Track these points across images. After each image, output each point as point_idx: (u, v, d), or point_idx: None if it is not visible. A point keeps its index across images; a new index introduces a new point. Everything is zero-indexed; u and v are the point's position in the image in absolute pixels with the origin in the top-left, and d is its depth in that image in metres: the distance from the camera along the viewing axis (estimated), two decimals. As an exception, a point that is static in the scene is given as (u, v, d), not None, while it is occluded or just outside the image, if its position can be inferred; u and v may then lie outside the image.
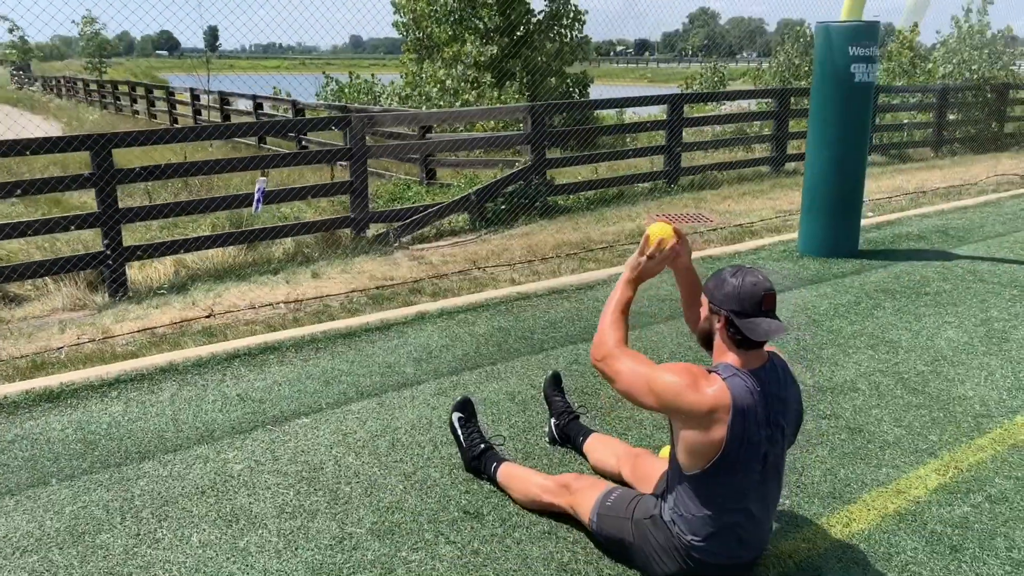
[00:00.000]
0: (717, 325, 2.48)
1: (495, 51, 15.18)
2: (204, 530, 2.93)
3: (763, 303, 2.38)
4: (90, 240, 7.91)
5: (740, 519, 2.48)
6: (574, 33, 16.43)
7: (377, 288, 6.02)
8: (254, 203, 6.71)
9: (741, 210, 8.90)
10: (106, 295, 6.83)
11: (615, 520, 2.73)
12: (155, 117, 20.78)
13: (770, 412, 2.43)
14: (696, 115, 13.67)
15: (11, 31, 26.54)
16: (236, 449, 3.52)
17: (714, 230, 7.76)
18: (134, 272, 7.31)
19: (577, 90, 16.66)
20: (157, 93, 21.18)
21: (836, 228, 6.52)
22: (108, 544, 2.85)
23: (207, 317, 5.40)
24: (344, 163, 12.58)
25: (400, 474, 3.30)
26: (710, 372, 2.45)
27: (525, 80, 15.26)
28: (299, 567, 2.70)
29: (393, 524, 2.95)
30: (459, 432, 3.35)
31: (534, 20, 16.11)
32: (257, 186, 6.73)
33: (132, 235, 8.61)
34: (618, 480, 3.11)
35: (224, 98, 16.35)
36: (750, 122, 13.30)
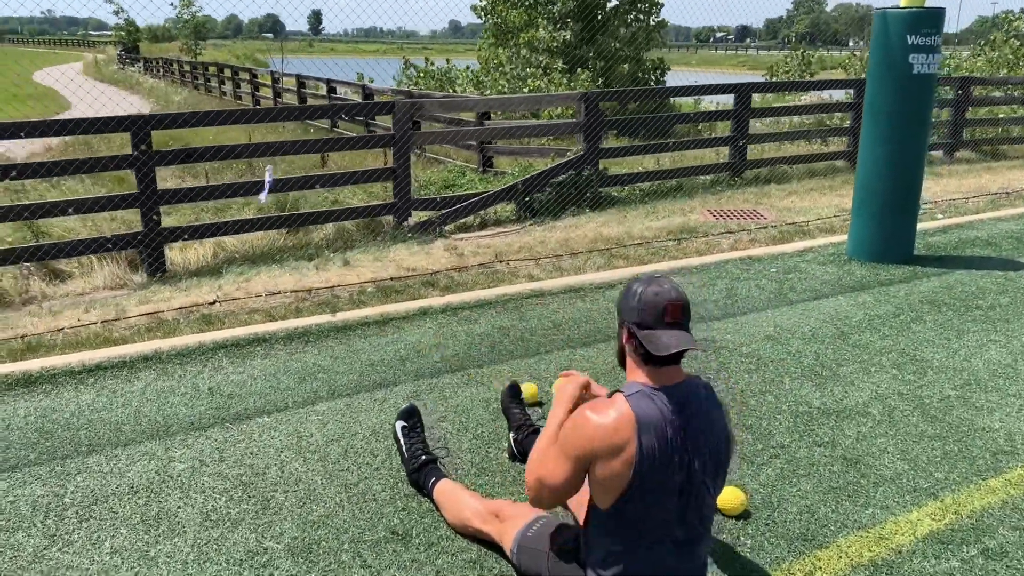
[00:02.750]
0: (624, 340, 2.23)
1: (568, 36, 14.84)
2: (121, 534, 2.82)
3: (665, 314, 2.13)
4: (134, 220, 8.04)
5: (658, 556, 2.20)
6: (651, 19, 15.92)
7: (392, 279, 5.86)
8: (263, 192, 6.65)
9: (803, 207, 8.40)
10: (144, 275, 6.91)
11: (533, 553, 2.49)
12: (240, 99, 21.23)
13: (685, 436, 2.15)
14: (767, 106, 13.04)
15: (116, 13, 27.63)
16: (186, 447, 3.41)
17: (763, 228, 7.32)
18: (175, 253, 7.38)
19: (654, 77, 16.16)
20: (242, 75, 21.64)
21: (888, 231, 6.02)
22: (20, 544, 2.77)
23: (212, 304, 5.36)
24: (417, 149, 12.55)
25: (341, 485, 3.13)
26: (612, 395, 2.20)
27: (598, 66, 14.88)
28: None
29: (313, 541, 2.77)
30: (402, 442, 3.16)
31: (610, 6, 15.68)
32: (266, 175, 6.67)
33: (179, 216, 8.74)
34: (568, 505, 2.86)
35: (301, 81, 16.52)
36: (830, 114, 12.60)
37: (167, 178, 11.45)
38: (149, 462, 3.30)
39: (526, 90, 14.18)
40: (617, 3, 15.89)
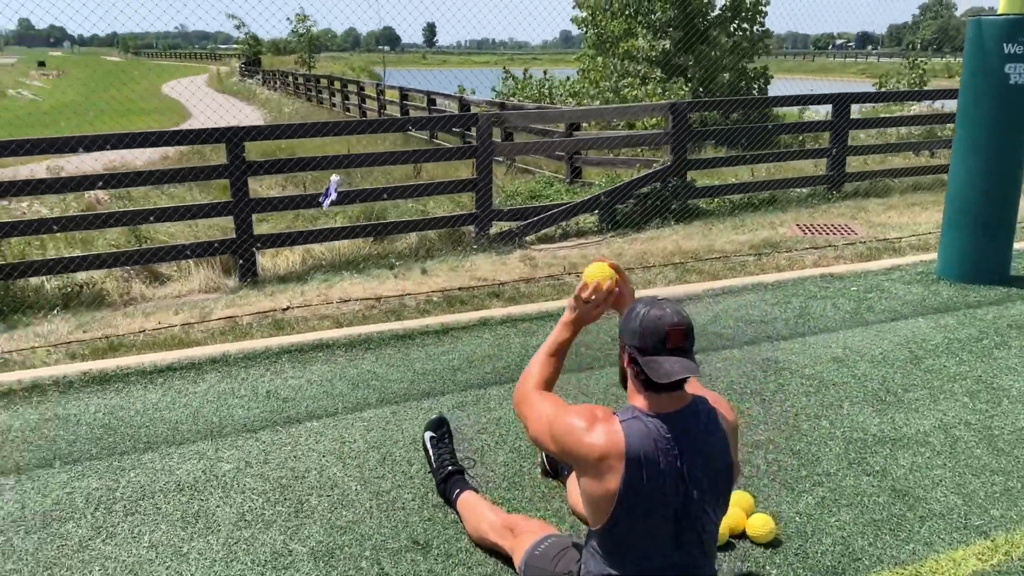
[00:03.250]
0: (625, 363, 2.20)
1: (667, 45, 14.67)
2: (161, 530, 2.96)
3: (667, 340, 2.07)
4: (230, 227, 8.41)
5: None
6: (755, 28, 15.56)
7: (460, 289, 5.94)
8: (324, 199, 6.84)
9: (899, 223, 8.04)
10: (236, 279, 7.22)
11: (539, 572, 2.48)
12: (348, 110, 21.91)
13: (682, 463, 2.10)
14: (874, 116, 12.53)
15: (238, 28, 29.02)
16: (235, 448, 3.56)
17: (851, 244, 7.04)
18: (267, 259, 7.69)
19: (757, 86, 15.79)
20: (350, 87, 22.33)
21: (980, 249, 5.69)
22: (68, 534, 2.94)
23: (285, 310, 5.55)
24: (499, 159, 12.67)
25: (373, 492, 3.19)
26: (614, 414, 2.17)
27: (698, 75, 14.66)
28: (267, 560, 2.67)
29: (336, 546, 2.84)
30: (430, 452, 3.20)
31: (712, 14, 15.41)
32: (331, 184, 6.86)
33: (276, 223, 9.08)
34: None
35: (404, 93, 16.91)
36: (942, 124, 12.01)
37: (272, 187, 11.95)
38: (199, 461, 3.45)
39: (617, 100, 14.10)
40: (719, 12, 15.60)
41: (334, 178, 6.82)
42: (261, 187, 11.87)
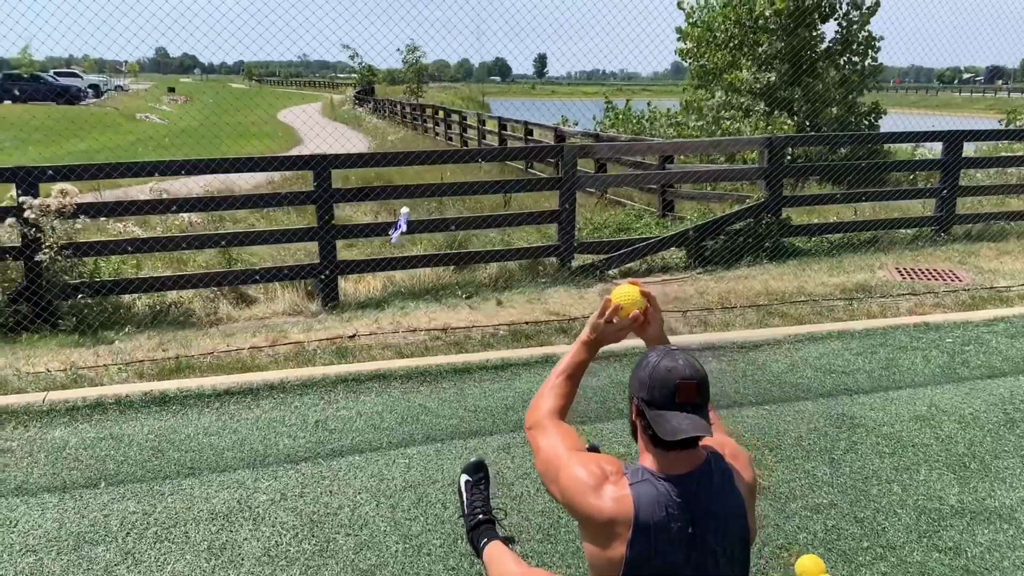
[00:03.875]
0: (634, 415, 2.05)
1: (772, 78, 14.27)
2: (186, 560, 2.93)
3: (676, 394, 1.91)
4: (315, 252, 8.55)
5: None
6: (866, 62, 14.97)
7: (527, 323, 5.81)
8: (394, 231, 6.84)
9: (1012, 270, 7.48)
10: (319, 304, 7.31)
11: None
12: (450, 139, 22.25)
13: (694, 529, 1.92)
14: (994, 155, 11.79)
15: (351, 58, 30.00)
16: (274, 479, 3.52)
17: (954, 291, 6.57)
18: (350, 284, 7.76)
19: (868, 121, 15.16)
20: (453, 117, 22.68)
21: (1096, 304, 5.20)
22: (97, 558, 2.95)
23: (351, 337, 5.55)
24: (590, 190, 12.53)
25: (402, 535, 3.08)
26: (624, 473, 2.00)
27: (804, 109, 14.18)
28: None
29: (353, 590, 2.75)
30: (464, 497, 3.06)
31: (821, 47, 14.92)
32: (400, 216, 6.86)
33: (361, 250, 9.17)
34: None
35: (503, 124, 17.01)
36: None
37: (367, 213, 12.14)
38: (236, 490, 3.43)
39: (719, 133, 13.75)
40: (829, 44, 15.10)
41: (403, 210, 6.83)
42: (356, 213, 12.09)
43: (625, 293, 2.31)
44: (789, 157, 13.04)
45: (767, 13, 14.14)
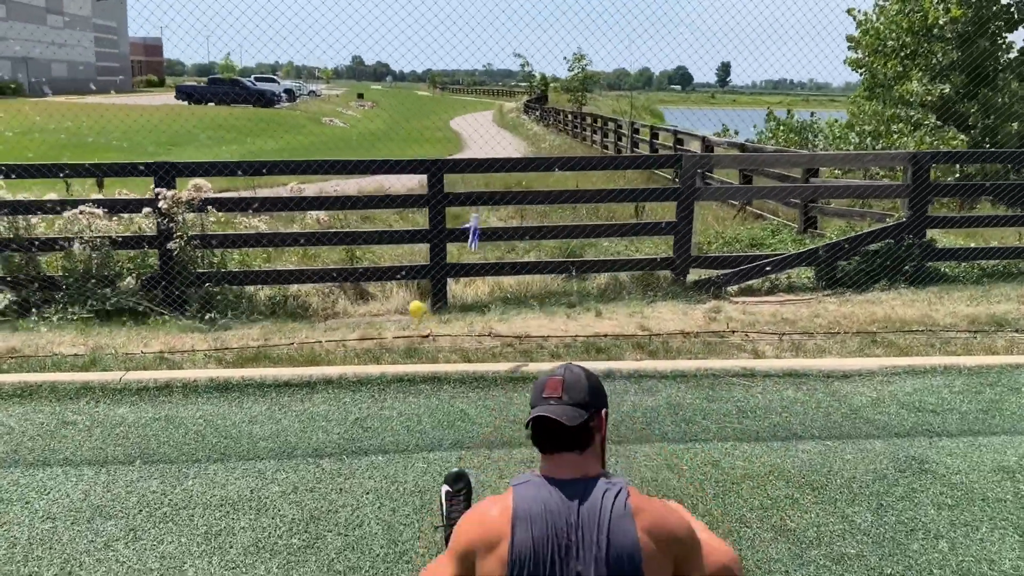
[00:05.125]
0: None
1: (946, 90, 13.19)
2: (180, 542, 3.04)
3: (544, 389, 1.97)
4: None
5: None
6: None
7: (604, 336, 5.64)
8: (472, 241, 6.80)
9: None
10: (428, 305, 7.45)
11: None
12: (606, 147, 22.15)
13: (580, 539, 1.82)
14: None
15: (523, 66, 30.51)
16: (293, 471, 3.59)
17: (1106, 330, 5.78)
18: (460, 287, 7.86)
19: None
20: (609, 125, 22.54)
21: None
22: (104, 531, 3.10)
23: (425, 337, 5.59)
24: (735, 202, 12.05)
25: (390, 539, 3.05)
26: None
27: (981, 124, 13.01)
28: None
29: (317, 590, 2.75)
30: (444, 507, 2.99)
31: (1005, 57, 13.62)
32: (471, 221, 6.82)
33: (484, 253, 9.24)
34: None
35: (654, 132, 16.71)
36: None
37: (504, 218, 12.26)
38: (254, 480, 3.52)
39: (879, 146, 12.83)
40: (1018, 55, 13.76)
41: (473, 216, 6.81)
42: (493, 217, 12.25)
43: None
44: (957, 175, 12.01)
45: (941, 21, 13.08)
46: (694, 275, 7.70)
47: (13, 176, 6.70)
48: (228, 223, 7.96)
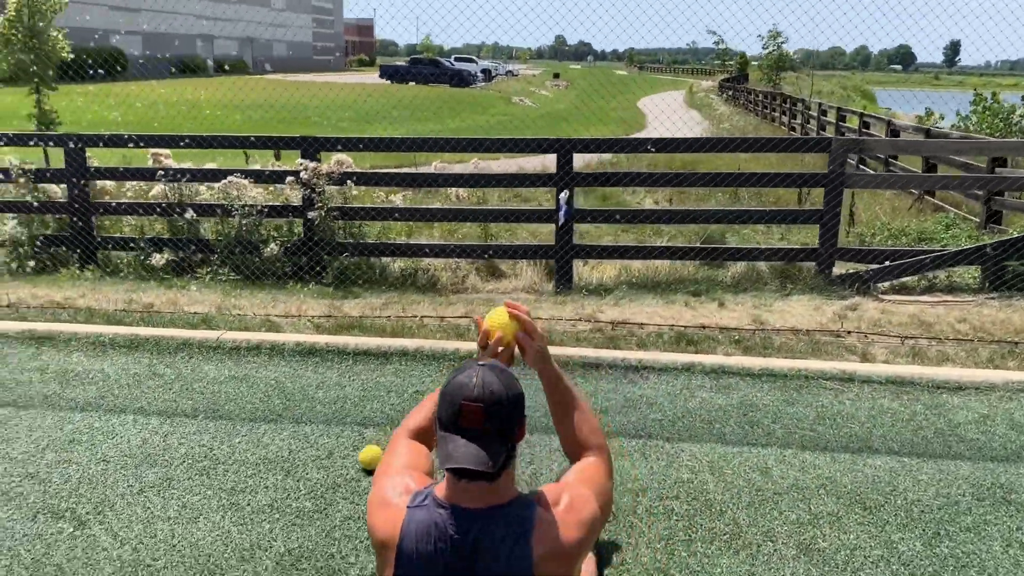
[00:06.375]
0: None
1: None
2: (205, 495, 3.19)
3: (460, 417, 1.70)
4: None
5: None
6: None
7: (699, 327, 5.35)
8: (561, 218, 6.58)
9: None
10: (552, 285, 7.43)
11: None
12: (793, 129, 21.01)
13: (461, 571, 1.70)
14: None
15: (716, 44, 29.42)
16: (335, 438, 3.67)
17: None
18: (587, 269, 7.76)
19: None
20: (798, 106, 21.34)
21: None
22: (144, 476, 3.32)
23: (517, 318, 5.53)
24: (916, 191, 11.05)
25: (322, 526, 3.04)
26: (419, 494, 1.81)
27: None
28: (191, 558, 2.81)
29: (218, 557, 2.81)
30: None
31: None
32: (561, 200, 6.60)
33: (630, 234, 9.04)
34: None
35: (842, 114, 15.62)
36: None
37: (660, 200, 11.95)
38: (298, 442, 3.64)
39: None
40: None
41: (563, 195, 6.61)
42: (649, 200, 12.00)
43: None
44: None
45: None
46: (841, 268, 7.16)
47: (178, 146, 7.32)
48: (367, 196, 8.25)
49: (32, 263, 7.09)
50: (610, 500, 1.97)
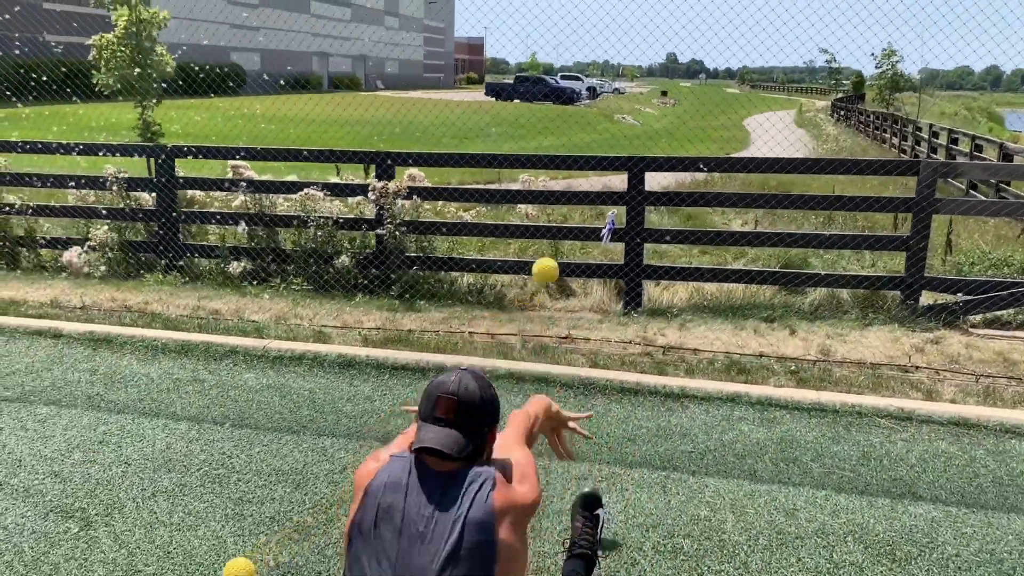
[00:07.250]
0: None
1: None
2: (211, 503, 3.21)
3: (436, 407, 1.92)
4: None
5: None
6: None
7: (755, 356, 5.10)
8: (604, 236, 6.39)
9: None
10: (620, 305, 7.29)
11: None
12: (904, 151, 20.08)
13: (412, 529, 1.83)
14: None
15: (828, 63, 28.41)
16: (353, 453, 3.64)
17: None
18: (658, 290, 7.57)
19: None
20: (908, 127, 20.36)
21: None
22: (159, 480, 3.37)
23: (563, 339, 5.41)
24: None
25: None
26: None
27: None
28: (182, 567, 2.81)
29: (286, 569, 2.77)
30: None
31: None
32: (608, 219, 6.40)
33: (704, 257, 8.78)
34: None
35: (953, 137, 14.81)
36: None
37: (749, 222, 11.57)
38: (314, 455, 3.62)
39: None
40: None
41: (610, 213, 6.41)
42: (737, 221, 11.66)
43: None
44: None
45: None
46: (930, 299, 6.75)
47: (256, 159, 7.56)
48: (438, 212, 8.29)
49: (121, 268, 7.41)
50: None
